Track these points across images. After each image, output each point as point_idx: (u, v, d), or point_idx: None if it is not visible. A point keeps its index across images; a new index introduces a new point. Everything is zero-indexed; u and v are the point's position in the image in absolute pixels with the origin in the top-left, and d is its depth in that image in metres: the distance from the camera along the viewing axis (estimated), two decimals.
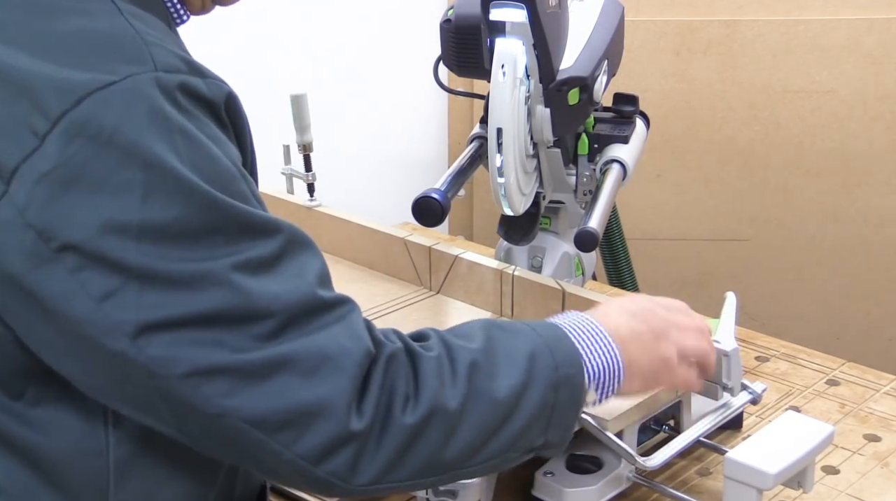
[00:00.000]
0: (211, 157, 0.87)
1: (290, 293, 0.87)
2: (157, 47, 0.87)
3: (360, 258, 1.55)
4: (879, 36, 2.35)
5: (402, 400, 0.90)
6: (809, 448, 1.13)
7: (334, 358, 0.87)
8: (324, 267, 0.93)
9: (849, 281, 2.53)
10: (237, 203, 0.87)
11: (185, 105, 0.86)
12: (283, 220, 0.91)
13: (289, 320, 0.87)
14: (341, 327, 0.90)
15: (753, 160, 2.47)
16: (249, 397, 0.85)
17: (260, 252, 0.87)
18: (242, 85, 2.51)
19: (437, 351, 0.94)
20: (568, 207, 1.45)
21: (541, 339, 0.99)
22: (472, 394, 0.93)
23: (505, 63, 1.21)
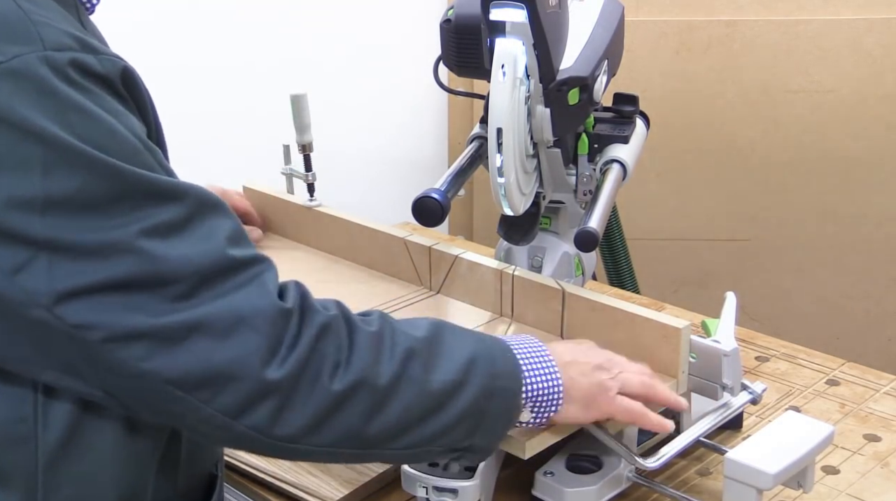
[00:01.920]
0: (109, 130, 0.88)
1: (200, 255, 0.90)
2: (46, 26, 0.88)
3: (360, 258, 1.55)
4: (879, 36, 2.35)
5: (332, 366, 0.93)
6: (809, 448, 1.13)
7: (247, 319, 0.90)
8: (235, 226, 0.95)
9: (849, 281, 2.53)
10: (140, 170, 0.89)
11: (78, 81, 0.88)
12: (190, 184, 0.93)
13: (201, 281, 0.89)
14: (254, 287, 0.92)
15: (753, 160, 2.47)
16: (166, 359, 0.88)
17: (168, 216, 0.89)
18: (243, 85, 2.53)
19: (377, 327, 0.97)
20: (568, 207, 1.45)
21: (486, 348, 1.02)
22: (404, 378, 0.96)
23: (505, 63, 1.21)
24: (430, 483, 1.15)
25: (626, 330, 1.25)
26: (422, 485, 1.16)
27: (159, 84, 1.12)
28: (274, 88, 1.84)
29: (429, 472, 1.16)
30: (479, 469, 1.15)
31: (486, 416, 1.00)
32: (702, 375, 1.23)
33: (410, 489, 1.17)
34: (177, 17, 2.13)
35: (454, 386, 0.98)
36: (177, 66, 2.14)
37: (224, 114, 2.24)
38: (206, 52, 2.21)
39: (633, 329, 1.24)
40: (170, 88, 2.08)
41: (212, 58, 2.23)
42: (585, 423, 1.12)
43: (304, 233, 1.63)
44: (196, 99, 2.19)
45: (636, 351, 1.25)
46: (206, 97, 2.20)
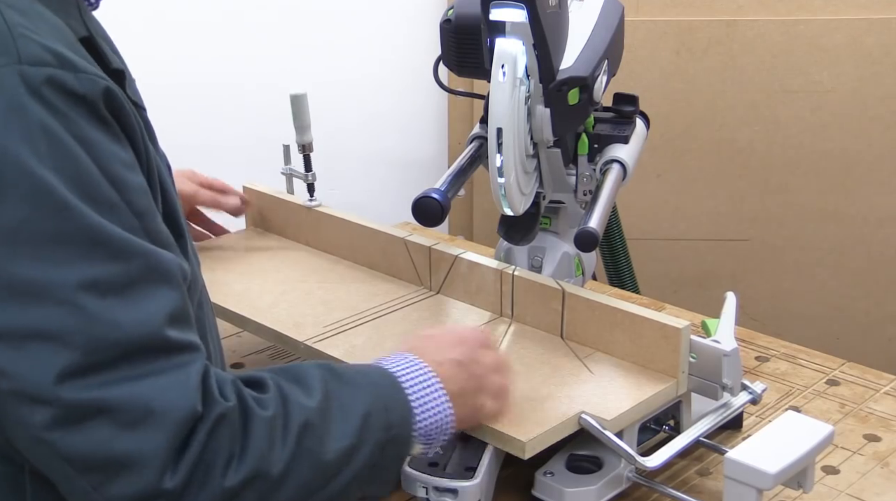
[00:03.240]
0: (74, 159, 0.83)
1: (133, 325, 0.84)
2: (26, 39, 0.84)
3: (360, 258, 1.55)
4: (879, 36, 2.35)
5: (225, 461, 0.87)
6: (809, 448, 1.13)
7: (157, 414, 0.84)
8: (180, 305, 0.89)
9: (849, 281, 2.53)
10: (94, 214, 0.83)
11: (51, 101, 0.83)
12: (146, 246, 0.87)
13: (125, 354, 0.83)
14: (176, 377, 0.86)
15: (753, 160, 2.48)
16: (64, 435, 0.83)
17: (111, 273, 0.83)
18: (243, 85, 2.53)
19: (273, 409, 0.91)
20: (568, 207, 1.45)
21: (379, 398, 0.99)
22: (299, 457, 0.91)
23: (505, 63, 1.21)
24: (430, 483, 1.15)
25: (626, 330, 1.25)
26: (422, 485, 1.16)
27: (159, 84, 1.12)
28: (274, 88, 1.84)
29: (429, 472, 1.16)
30: (480, 470, 1.15)
31: (379, 467, 0.99)
32: (702, 375, 1.23)
33: (410, 489, 1.17)
34: (177, 17, 2.13)
35: (350, 450, 0.95)
36: (177, 67, 2.14)
37: (224, 114, 2.24)
38: (207, 53, 2.21)
39: (633, 329, 1.24)
40: (170, 89, 2.08)
41: (212, 58, 2.23)
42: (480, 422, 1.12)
43: (304, 233, 1.63)
44: (196, 99, 2.19)
45: (636, 351, 1.25)
46: (207, 97, 2.20)
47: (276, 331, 1.36)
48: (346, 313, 1.40)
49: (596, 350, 1.29)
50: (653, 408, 1.21)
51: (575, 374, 1.24)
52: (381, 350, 1.29)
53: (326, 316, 1.39)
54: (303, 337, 1.34)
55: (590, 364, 1.26)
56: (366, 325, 1.37)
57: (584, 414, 1.15)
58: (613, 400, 1.18)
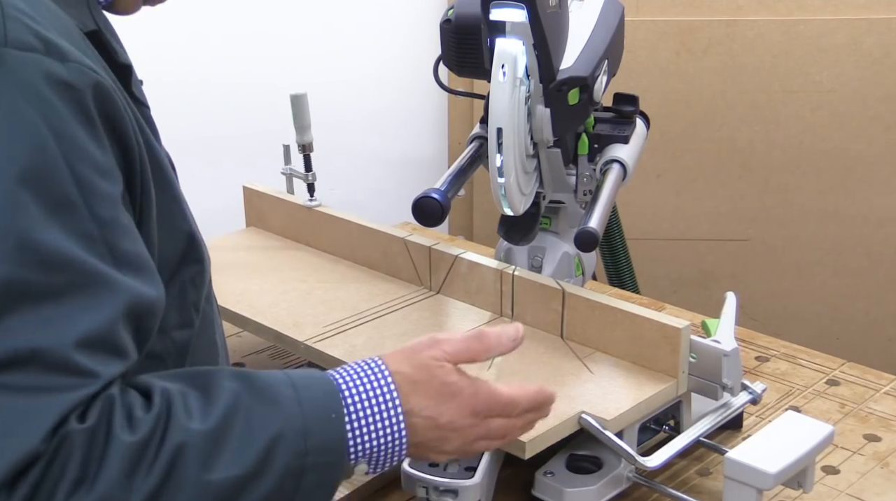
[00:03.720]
0: (40, 149, 0.79)
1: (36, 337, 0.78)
2: (17, 22, 0.81)
3: (360, 258, 1.55)
4: (879, 36, 2.35)
5: (72, 484, 0.78)
6: (809, 448, 1.13)
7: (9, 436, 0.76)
8: (104, 329, 0.81)
9: (849, 281, 2.53)
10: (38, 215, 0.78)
11: (34, 86, 0.79)
12: (82, 260, 0.81)
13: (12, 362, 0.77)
14: (48, 403, 0.78)
15: (753, 160, 2.47)
16: None
17: (31, 279, 0.78)
18: (243, 85, 2.53)
19: (143, 433, 0.81)
20: (568, 207, 1.45)
21: (298, 418, 0.88)
22: (170, 486, 0.81)
23: (505, 63, 1.21)
24: (430, 483, 1.15)
25: (626, 330, 1.25)
26: (422, 485, 1.16)
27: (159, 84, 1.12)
28: (274, 88, 1.84)
29: (429, 472, 1.16)
30: (480, 470, 1.15)
31: (297, 493, 0.88)
32: (702, 375, 1.23)
33: (410, 489, 1.17)
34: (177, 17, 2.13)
35: (245, 479, 0.84)
36: (177, 66, 2.14)
37: (224, 114, 2.24)
38: (207, 52, 2.21)
39: (633, 329, 1.24)
40: (170, 88, 2.08)
41: (212, 58, 2.23)
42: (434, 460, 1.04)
43: (304, 233, 1.63)
44: (196, 99, 2.19)
45: (636, 351, 1.25)
46: (207, 97, 2.20)
47: (276, 331, 1.37)
48: (346, 313, 1.40)
49: (596, 350, 1.29)
50: (653, 408, 1.21)
51: (575, 374, 1.24)
52: (381, 350, 1.29)
53: (326, 316, 1.39)
54: (303, 337, 1.34)
55: (590, 364, 1.26)
56: (366, 325, 1.37)
57: (584, 414, 1.15)
58: (613, 400, 1.18)
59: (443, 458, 0.99)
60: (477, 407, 0.97)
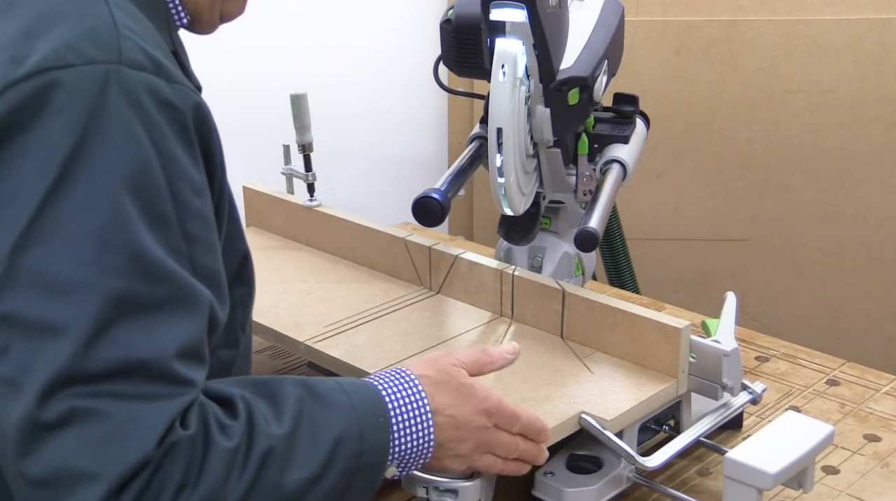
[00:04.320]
0: (146, 167, 0.83)
1: (141, 348, 0.82)
2: (129, 41, 0.85)
3: (360, 258, 1.55)
4: (879, 36, 2.35)
5: (175, 489, 0.83)
6: (809, 448, 1.13)
7: (124, 440, 0.81)
8: (197, 340, 0.87)
9: (849, 281, 2.53)
10: (143, 229, 0.83)
11: (144, 105, 0.84)
12: (181, 274, 0.86)
13: (120, 371, 0.82)
14: (157, 410, 0.83)
15: (753, 160, 2.47)
16: (32, 438, 0.80)
17: (138, 291, 0.83)
18: (243, 85, 2.52)
19: (237, 439, 0.87)
20: (568, 207, 1.45)
21: (355, 422, 0.94)
22: (257, 488, 0.87)
23: (505, 63, 1.21)
24: (430, 482, 1.15)
25: (626, 330, 1.25)
26: (422, 485, 1.16)
27: None
28: (274, 88, 1.84)
29: (429, 472, 1.16)
30: None
31: (346, 493, 0.94)
32: (702, 375, 1.23)
33: (410, 489, 1.17)
34: None
35: (314, 479, 0.90)
36: None
37: (224, 114, 2.24)
38: (206, 52, 2.21)
39: (633, 329, 1.24)
40: None
41: (212, 58, 2.23)
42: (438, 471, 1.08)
43: (304, 233, 1.63)
44: None
45: (636, 351, 1.25)
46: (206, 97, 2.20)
47: (276, 331, 1.36)
48: (346, 313, 1.40)
49: (596, 350, 1.29)
50: (653, 408, 1.21)
51: (575, 374, 1.24)
52: (382, 350, 1.30)
53: (326, 316, 1.39)
54: (303, 337, 1.34)
55: (590, 364, 1.26)
56: (366, 325, 1.37)
57: (584, 414, 1.15)
58: (613, 400, 1.18)
59: (455, 464, 1.05)
60: (489, 408, 1.04)
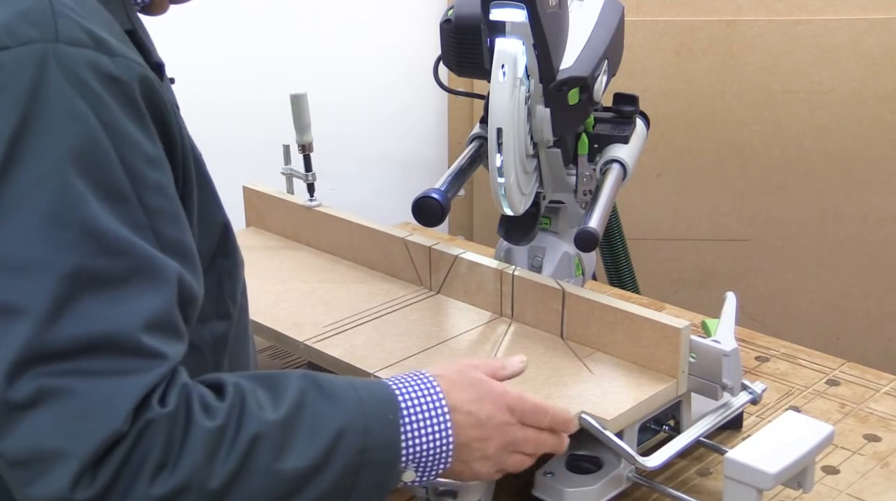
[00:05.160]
0: (95, 143, 0.83)
1: (106, 322, 0.82)
2: (66, 18, 0.84)
3: (360, 258, 1.55)
4: (879, 36, 2.35)
5: (154, 468, 0.82)
6: (809, 448, 1.13)
7: (93, 417, 0.81)
8: (165, 311, 0.86)
9: (849, 281, 2.53)
10: (97, 204, 0.82)
11: (85, 82, 0.83)
12: (142, 247, 0.85)
13: (86, 348, 0.81)
14: (125, 383, 0.82)
15: (753, 160, 2.47)
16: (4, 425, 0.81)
17: (97, 266, 0.82)
18: (243, 85, 2.52)
19: (221, 419, 0.86)
20: (568, 207, 1.45)
21: (359, 417, 0.93)
22: (246, 472, 0.86)
23: (505, 63, 1.21)
24: (430, 483, 1.15)
25: (626, 330, 1.25)
26: (422, 486, 1.16)
27: None
28: (274, 88, 1.84)
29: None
30: None
31: (354, 490, 0.92)
32: (702, 375, 1.23)
33: (410, 489, 1.17)
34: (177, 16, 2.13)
35: (311, 470, 0.89)
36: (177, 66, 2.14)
37: (224, 114, 2.24)
38: (206, 52, 2.21)
39: (633, 329, 1.24)
40: None
41: (211, 58, 2.23)
42: (471, 480, 1.06)
43: (304, 233, 1.63)
44: (196, 99, 2.19)
45: (636, 351, 1.25)
46: (206, 97, 2.20)
47: (276, 331, 1.37)
48: (346, 313, 1.40)
49: (596, 350, 1.29)
50: (653, 408, 1.21)
51: (575, 374, 1.24)
52: (381, 350, 1.30)
53: (326, 316, 1.39)
54: (303, 337, 1.34)
55: (590, 364, 1.26)
56: (366, 325, 1.37)
57: (584, 414, 1.15)
58: (613, 400, 1.18)
59: (484, 467, 1.02)
60: (511, 403, 1.02)
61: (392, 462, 0.95)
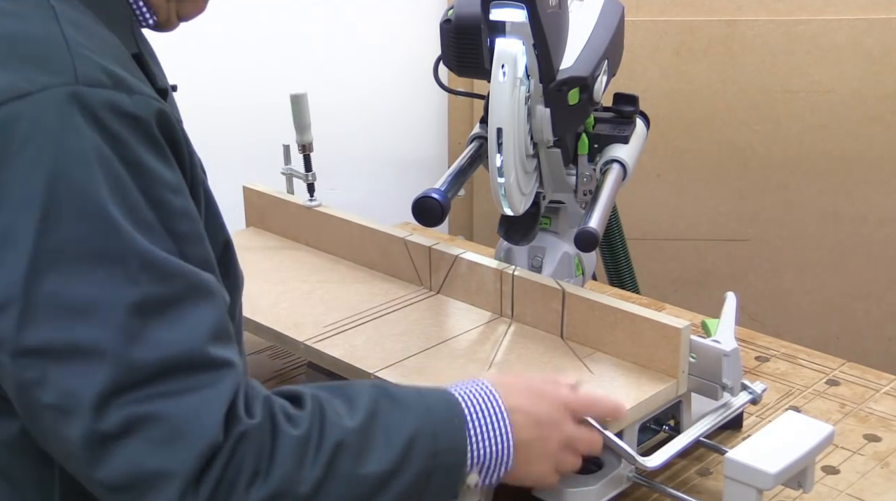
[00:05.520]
0: (123, 183, 0.85)
1: (174, 343, 0.85)
2: (83, 59, 0.86)
3: (360, 258, 1.55)
4: (879, 36, 2.35)
5: (249, 478, 0.86)
6: (809, 448, 1.13)
7: (187, 434, 0.84)
8: (220, 322, 0.90)
9: (849, 281, 2.53)
10: (140, 237, 0.85)
11: (105, 124, 0.85)
12: (187, 266, 0.88)
13: (163, 372, 0.84)
14: (207, 396, 0.86)
15: (753, 160, 2.47)
16: (98, 453, 0.84)
17: (155, 293, 0.85)
18: (243, 85, 2.52)
19: (305, 428, 0.90)
20: (568, 207, 1.45)
21: (428, 422, 0.96)
22: (332, 477, 0.89)
23: (505, 63, 1.21)
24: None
25: (626, 330, 1.25)
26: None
27: None
28: (274, 88, 1.84)
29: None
30: None
31: (424, 493, 0.95)
32: (702, 375, 1.23)
33: None
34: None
35: (389, 475, 0.92)
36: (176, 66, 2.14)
37: (224, 114, 2.24)
38: (206, 52, 2.21)
39: (633, 329, 1.24)
40: None
41: (211, 58, 2.23)
42: (527, 482, 1.08)
43: (304, 233, 1.63)
44: (196, 99, 2.19)
45: (636, 351, 1.25)
46: (207, 97, 2.20)
47: (276, 331, 1.36)
48: (346, 313, 1.40)
49: (596, 350, 1.29)
50: (653, 408, 1.21)
51: (575, 374, 1.24)
52: (381, 350, 1.30)
53: (326, 316, 1.39)
54: (303, 337, 1.34)
55: (590, 364, 1.26)
56: (366, 325, 1.37)
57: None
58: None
59: (543, 466, 1.05)
60: (566, 400, 1.06)
61: (460, 465, 0.98)
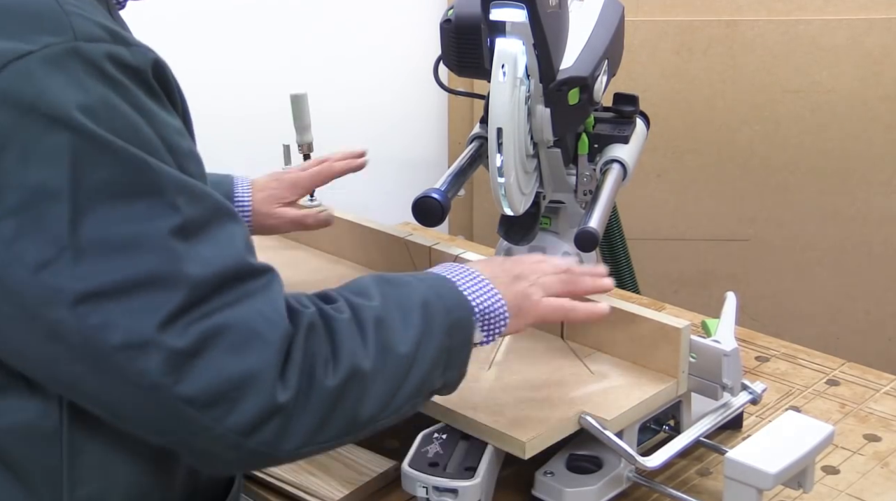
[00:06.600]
0: (133, 126, 0.87)
1: (221, 258, 0.89)
2: (78, 17, 0.88)
3: (360, 258, 1.55)
4: (879, 36, 2.35)
5: (324, 364, 0.92)
6: (809, 448, 1.13)
7: (260, 333, 0.89)
8: (247, 233, 0.95)
9: (849, 281, 2.53)
10: (165, 166, 0.88)
11: (109, 73, 0.87)
12: (209, 188, 0.92)
13: (219, 285, 0.88)
14: (265, 296, 0.91)
15: (753, 160, 2.47)
16: (181, 373, 0.86)
17: (192, 215, 0.88)
18: (243, 85, 2.52)
19: (348, 312, 0.97)
20: (568, 207, 1.45)
21: (430, 288, 1.04)
22: (382, 351, 0.96)
23: (505, 63, 1.21)
24: (430, 483, 1.15)
25: (626, 330, 1.25)
26: (422, 485, 1.16)
27: None
28: (274, 88, 1.84)
29: (429, 472, 1.16)
30: (480, 469, 1.15)
31: (451, 352, 1.03)
32: (702, 375, 1.23)
33: (410, 489, 1.17)
34: (177, 17, 2.13)
35: (419, 338, 0.99)
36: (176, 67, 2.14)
37: (224, 114, 2.24)
38: (206, 52, 2.21)
39: (633, 329, 1.24)
40: None
41: (212, 58, 2.24)
42: (519, 331, 1.13)
43: (304, 233, 1.63)
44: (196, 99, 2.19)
45: (636, 351, 1.25)
46: (207, 97, 2.20)
47: None
48: None
49: (596, 350, 1.29)
50: (653, 408, 1.21)
51: (575, 374, 1.24)
52: None
53: None
54: None
55: (590, 364, 1.26)
56: None
57: (584, 414, 1.15)
58: (613, 400, 1.18)
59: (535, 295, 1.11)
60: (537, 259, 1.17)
61: (469, 319, 1.05)
